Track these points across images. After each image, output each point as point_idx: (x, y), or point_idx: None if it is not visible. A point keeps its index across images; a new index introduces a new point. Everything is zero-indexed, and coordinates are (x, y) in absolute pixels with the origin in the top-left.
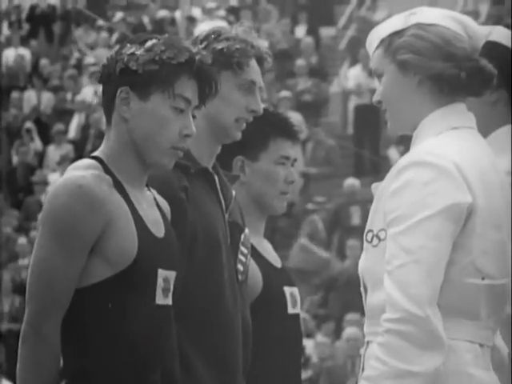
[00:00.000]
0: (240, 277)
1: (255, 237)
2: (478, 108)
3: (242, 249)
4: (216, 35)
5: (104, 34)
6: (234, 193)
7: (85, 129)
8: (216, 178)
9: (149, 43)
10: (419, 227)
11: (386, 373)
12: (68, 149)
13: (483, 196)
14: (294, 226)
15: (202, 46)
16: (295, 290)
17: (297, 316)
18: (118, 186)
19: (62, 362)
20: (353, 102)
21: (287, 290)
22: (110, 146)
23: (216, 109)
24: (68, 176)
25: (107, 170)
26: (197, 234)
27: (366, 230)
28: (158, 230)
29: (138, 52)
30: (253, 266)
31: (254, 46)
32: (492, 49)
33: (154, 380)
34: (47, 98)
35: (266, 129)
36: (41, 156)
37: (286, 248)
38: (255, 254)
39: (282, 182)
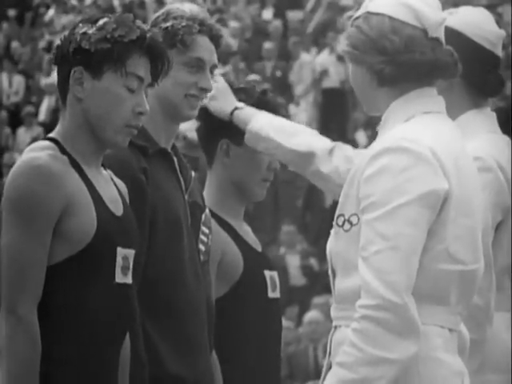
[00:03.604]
0: (202, 257)
1: (236, 220)
2: None
3: (204, 229)
4: (165, 15)
5: (74, 17)
6: (193, 173)
7: (55, 111)
8: (175, 158)
9: (100, 22)
10: (396, 213)
11: (361, 359)
12: (38, 131)
13: (457, 182)
14: (261, 209)
15: (151, 26)
16: (275, 274)
17: (276, 300)
18: (75, 166)
19: None
20: (320, 86)
21: (267, 273)
22: (65, 127)
23: (164, 88)
24: (25, 158)
25: (63, 151)
26: (157, 216)
27: (336, 214)
28: (117, 208)
29: (90, 31)
30: (234, 249)
31: (204, 24)
32: (445, 34)
33: (113, 359)
34: (18, 81)
35: None
36: (11, 138)
37: (254, 232)
38: (236, 237)
39: (264, 168)
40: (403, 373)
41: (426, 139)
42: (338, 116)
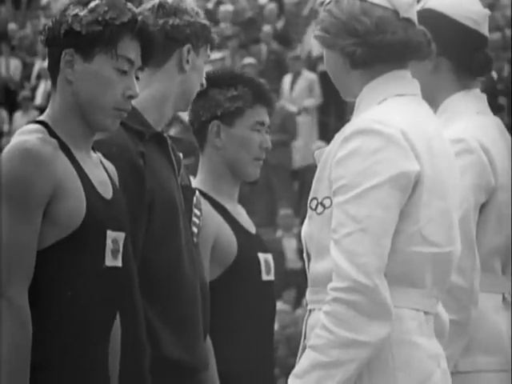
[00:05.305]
0: (195, 239)
1: (230, 202)
2: (421, 76)
3: (195, 211)
4: (194, 10)
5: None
6: (181, 155)
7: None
8: (168, 142)
9: (92, 4)
10: (367, 196)
11: (333, 342)
12: (35, 115)
13: (429, 164)
14: (254, 193)
15: (190, 18)
16: (269, 256)
17: (270, 283)
18: (64, 149)
19: None
20: (318, 68)
21: (261, 256)
22: (55, 109)
23: (192, 81)
24: (14, 141)
25: (52, 134)
26: (154, 200)
27: (310, 198)
28: (106, 191)
29: (82, 13)
30: (228, 232)
31: None
32: (428, 16)
33: (104, 342)
34: (15, 65)
35: (244, 95)
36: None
37: (249, 215)
38: (230, 219)
39: (256, 147)
40: (375, 355)
41: (397, 121)
42: (336, 99)
